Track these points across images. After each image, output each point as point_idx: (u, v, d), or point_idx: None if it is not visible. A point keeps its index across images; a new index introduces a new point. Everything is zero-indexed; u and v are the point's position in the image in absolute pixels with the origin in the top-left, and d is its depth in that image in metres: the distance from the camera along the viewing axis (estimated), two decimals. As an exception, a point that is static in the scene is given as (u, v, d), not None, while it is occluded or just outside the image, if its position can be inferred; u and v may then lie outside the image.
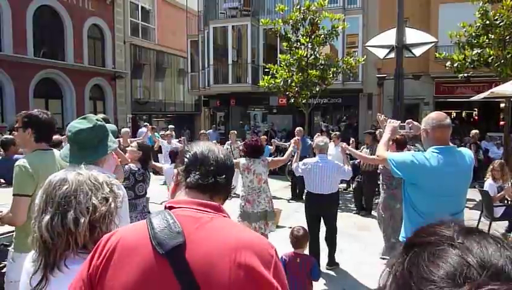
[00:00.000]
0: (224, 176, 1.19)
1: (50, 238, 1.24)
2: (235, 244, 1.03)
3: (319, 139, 5.06)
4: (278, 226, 6.98)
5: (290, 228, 5.06)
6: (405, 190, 2.87)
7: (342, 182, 10.52)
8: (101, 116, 3.61)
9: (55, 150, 2.75)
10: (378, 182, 8.69)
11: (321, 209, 4.87)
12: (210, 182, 1.16)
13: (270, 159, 5.15)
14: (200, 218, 1.08)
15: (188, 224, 1.06)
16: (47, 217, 1.25)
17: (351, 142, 7.04)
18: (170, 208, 1.13)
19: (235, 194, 9.77)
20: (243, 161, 4.77)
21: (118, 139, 9.88)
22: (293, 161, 5.25)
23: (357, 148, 8.73)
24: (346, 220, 7.63)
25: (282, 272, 1.07)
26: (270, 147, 10.16)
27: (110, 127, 2.21)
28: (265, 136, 12.00)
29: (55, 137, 7.49)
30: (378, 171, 5.48)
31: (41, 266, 1.26)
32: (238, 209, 4.78)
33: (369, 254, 5.57)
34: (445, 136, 2.73)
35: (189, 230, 1.04)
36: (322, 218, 4.97)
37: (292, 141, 5.52)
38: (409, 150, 4.62)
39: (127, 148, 4.42)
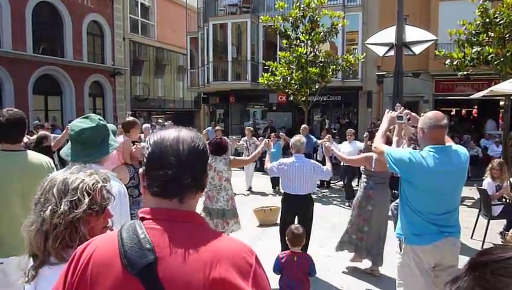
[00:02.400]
0: (189, 174, 1.04)
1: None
2: (210, 257, 0.98)
3: (296, 139, 4.86)
4: (275, 224, 7.01)
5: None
6: (401, 187, 2.89)
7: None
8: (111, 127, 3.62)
9: (29, 152, 2.66)
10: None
11: (299, 210, 4.69)
12: (172, 188, 1.05)
13: (232, 157, 5.12)
14: (172, 231, 1.02)
15: (159, 238, 1.00)
16: (29, 219, 1.33)
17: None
18: (142, 219, 1.06)
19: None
20: None
21: (139, 135, 9.81)
22: (265, 161, 5.10)
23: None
24: (345, 217, 7.64)
25: (263, 279, 1.02)
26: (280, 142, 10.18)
27: (110, 126, 2.22)
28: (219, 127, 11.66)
29: (42, 132, 7.40)
30: (362, 170, 5.29)
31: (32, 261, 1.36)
32: (202, 204, 4.80)
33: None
34: (441, 137, 2.75)
35: (161, 245, 0.99)
36: (297, 220, 4.78)
37: (263, 142, 5.48)
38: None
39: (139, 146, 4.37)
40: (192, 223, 1.06)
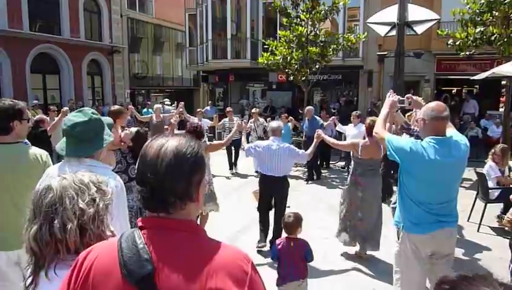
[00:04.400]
0: (165, 192, 1.05)
1: (37, 247, 1.27)
2: (207, 267, 1.01)
3: (274, 122, 5.17)
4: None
5: (289, 207, 5.13)
6: (400, 176, 2.90)
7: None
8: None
9: (21, 145, 2.58)
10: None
11: (274, 190, 5.01)
12: (151, 204, 1.08)
13: (209, 143, 5.34)
14: (169, 240, 1.05)
15: (157, 248, 1.03)
16: (35, 227, 1.28)
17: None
18: (141, 228, 1.08)
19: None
20: None
21: (151, 115, 9.76)
22: (242, 142, 5.33)
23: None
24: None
25: (259, 286, 1.06)
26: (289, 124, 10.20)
27: (106, 120, 2.21)
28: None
29: (39, 116, 7.42)
30: (351, 156, 5.29)
31: (32, 271, 1.30)
32: None
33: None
34: (442, 128, 2.74)
35: (159, 256, 1.02)
36: (274, 199, 5.12)
37: (236, 124, 5.80)
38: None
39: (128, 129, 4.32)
40: (189, 233, 1.08)
